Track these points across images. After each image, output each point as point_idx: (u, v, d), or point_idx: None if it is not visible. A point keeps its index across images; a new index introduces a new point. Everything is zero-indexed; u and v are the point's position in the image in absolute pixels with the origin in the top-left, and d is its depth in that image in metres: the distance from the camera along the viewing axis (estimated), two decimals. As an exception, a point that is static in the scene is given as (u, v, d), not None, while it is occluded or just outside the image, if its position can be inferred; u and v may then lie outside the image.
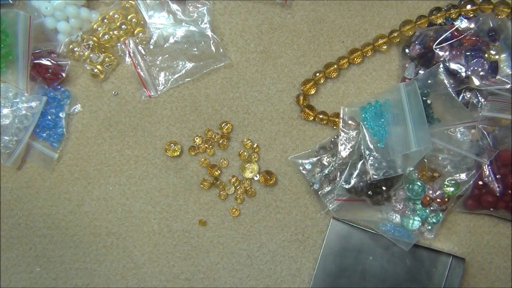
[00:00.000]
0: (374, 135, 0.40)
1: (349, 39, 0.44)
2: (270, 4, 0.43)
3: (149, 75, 0.42)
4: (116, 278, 0.42)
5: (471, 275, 0.43)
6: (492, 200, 0.41)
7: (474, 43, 0.41)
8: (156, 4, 0.42)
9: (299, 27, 0.44)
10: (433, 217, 0.41)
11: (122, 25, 0.42)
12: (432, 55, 0.41)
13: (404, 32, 0.42)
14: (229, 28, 0.43)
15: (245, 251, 0.43)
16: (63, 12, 0.41)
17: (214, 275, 0.43)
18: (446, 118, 0.40)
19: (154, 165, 0.42)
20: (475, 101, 0.41)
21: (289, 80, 0.44)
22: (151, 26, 0.42)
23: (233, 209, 0.43)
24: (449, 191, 0.41)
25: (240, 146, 0.43)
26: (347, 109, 0.42)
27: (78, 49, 0.42)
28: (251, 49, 0.43)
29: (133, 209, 0.42)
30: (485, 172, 0.41)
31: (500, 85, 0.40)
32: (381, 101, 0.41)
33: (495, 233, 0.43)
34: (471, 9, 0.40)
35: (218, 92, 0.43)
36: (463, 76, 0.40)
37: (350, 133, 0.41)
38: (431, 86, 0.40)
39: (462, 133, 0.41)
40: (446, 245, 0.43)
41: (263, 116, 0.43)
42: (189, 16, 0.42)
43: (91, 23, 0.42)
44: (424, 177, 0.41)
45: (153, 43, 0.42)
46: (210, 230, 0.43)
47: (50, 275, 0.42)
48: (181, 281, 0.43)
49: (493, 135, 0.41)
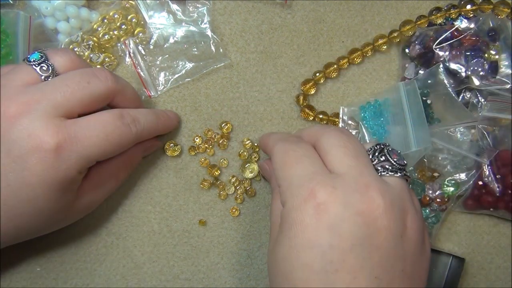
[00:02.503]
0: (373, 134, 0.40)
1: (349, 39, 0.44)
2: (270, 4, 0.43)
3: (149, 75, 0.42)
4: (116, 278, 0.42)
5: (471, 275, 0.43)
6: (492, 200, 0.41)
7: (474, 43, 0.41)
8: (156, 4, 0.42)
9: (299, 27, 0.44)
10: (433, 217, 0.41)
11: (122, 25, 0.42)
12: (432, 55, 0.41)
13: (404, 32, 0.42)
14: (229, 28, 0.43)
15: (245, 251, 0.43)
16: (63, 12, 0.41)
17: (214, 275, 0.43)
18: (446, 118, 0.40)
19: (154, 165, 0.43)
20: (475, 101, 0.41)
21: (289, 80, 0.44)
22: (151, 26, 0.42)
23: (233, 209, 0.43)
24: (449, 191, 0.41)
25: (240, 146, 0.43)
26: (346, 109, 0.42)
27: (78, 49, 0.42)
28: (251, 49, 0.43)
29: (133, 209, 0.42)
30: (485, 172, 0.41)
31: (500, 85, 0.40)
32: (381, 101, 0.41)
33: (495, 233, 0.43)
34: (471, 9, 0.40)
35: (218, 92, 0.43)
36: (463, 76, 0.40)
37: (350, 133, 0.41)
38: (431, 86, 0.40)
39: (462, 133, 0.41)
40: (446, 245, 0.43)
41: (263, 116, 0.43)
42: (189, 16, 0.42)
43: (91, 23, 0.42)
44: (424, 177, 0.41)
45: (153, 43, 0.42)
46: (210, 230, 0.43)
47: (50, 275, 0.42)
48: (181, 281, 0.43)
49: (493, 135, 0.41)
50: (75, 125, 0.32)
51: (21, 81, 0.32)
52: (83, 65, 0.35)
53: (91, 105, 0.33)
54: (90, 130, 0.32)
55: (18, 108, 0.31)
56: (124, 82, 0.36)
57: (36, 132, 0.30)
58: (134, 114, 0.36)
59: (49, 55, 0.34)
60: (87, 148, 0.32)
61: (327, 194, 0.28)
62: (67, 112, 0.32)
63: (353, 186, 0.28)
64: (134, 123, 0.35)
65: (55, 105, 0.31)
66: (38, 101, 0.31)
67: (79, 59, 0.35)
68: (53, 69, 0.33)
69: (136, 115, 0.36)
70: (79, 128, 0.32)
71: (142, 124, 0.36)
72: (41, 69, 0.33)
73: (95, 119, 0.33)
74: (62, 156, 0.31)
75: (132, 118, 0.35)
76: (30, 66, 0.33)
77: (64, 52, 0.34)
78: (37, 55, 0.33)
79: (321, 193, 0.28)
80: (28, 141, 0.30)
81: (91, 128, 0.32)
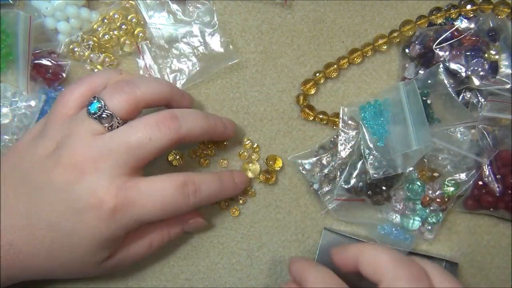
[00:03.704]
0: (373, 134, 0.40)
1: (349, 39, 0.44)
2: (270, 4, 0.43)
3: (162, 78, 0.42)
4: (116, 278, 0.42)
5: (471, 275, 0.43)
6: (492, 200, 0.41)
7: (474, 43, 0.41)
8: (156, 4, 0.42)
9: (299, 27, 0.44)
10: (433, 217, 0.41)
11: (122, 25, 0.42)
12: (432, 55, 0.41)
13: (404, 32, 0.42)
14: (229, 28, 0.43)
15: (245, 251, 0.43)
16: (63, 12, 0.41)
17: (214, 275, 0.43)
18: (446, 118, 0.40)
19: (154, 165, 0.42)
20: (475, 101, 0.41)
21: (289, 80, 0.44)
22: (151, 26, 0.42)
23: (233, 209, 0.43)
24: (449, 191, 0.41)
25: (240, 146, 0.43)
26: (346, 109, 0.42)
27: (78, 49, 0.42)
28: (251, 49, 0.43)
29: (133, 209, 0.42)
30: (485, 172, 0.41)
31: (500, 85, 0.40)
32: (381, 101, 0.41)
33: (495, 233, 0.43)
34: (471, 9, 0.40)
35: (218, 92, 0.43)
36: (463, 76, 0.40)
37: (349, 133, 0.41)
38: (431, 86, 0.40)
39: (462, 133, 0.41)
40: (446, 244, 0.43)
41: (263, 116, 0.43)
42: (189, 16, 0.42)
43: (91, 23, 0.42)
44: (424, 177, 0.41)
45: (164, 46, 0.42)
46: (210, 230, 0.43)
47: (50, 275, 0.42)
48: (181, 281, 0.43)
49: (493, 135, 0.41)
50: (135, 188, 0.33)
51: (89, 132, 0.33)
52: (142, 97, 0.34)
53: (156, 154, 0.34)
54: (148, 197, 0.33)
55: (87, 163, 0.32)
56: (191, 123, 0.35)
57: (99, 191, 0.32)
58: (199, 182, 0.35)
59: (106, 100, 0.33)
60: (141, 213, 0.33)
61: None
62: (131, 171, 0.33)
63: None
64: (195, 194, 0.35)
65: (119, 165, 0.32)
66: (105, 160, 0.32)
67: (135, 93, 0.34)
68: (114, 117, 0.33)
69: (200, 184, 0.35)
70: (137, 193, 0.33)
71: (202, 195, 0.35)
72: (103, 120, 0.33)
73: (155, 187, 0.33)
74: (117, 217, 0.32)
75: (195, 188, 0.34)
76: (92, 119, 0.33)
77: (118, 94, 0.34)
78: (95, 106, 0.33)
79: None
80: (90, 198, 0.32)
81: (149, 195, 0.33)
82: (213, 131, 0.37)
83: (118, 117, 0.34)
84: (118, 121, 0.34)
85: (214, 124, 0.37)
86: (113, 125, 0.33)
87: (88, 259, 0.34)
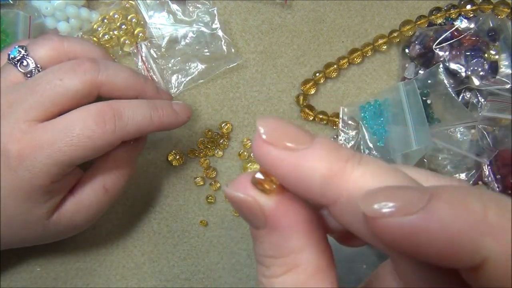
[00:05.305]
0: (373, 134, 0.40)
1: (349, 39, 0.44)
2: (270, 4, 0.43)
3: (162, 78, 0.42)
4: (116, 278, 0.42)
5: (471, 275, 0.43)
6: (492, 200, 0.41)
7: (474, 43, 0.41)
8: (156, 4, 0.42)
9: (299, 27, 0.44)
10: (433, 217, 0.41)
11: (122, 25, 0.42)
12: (432, 55, 0.41)
13: (404, 32, 0.42)
14: (229, 28, 0.43)
15: (245, 251, 0.43)
16: (63, 12, 0.41)
17: (214, 275, 0.43)
18: (446, 118, 0.40)
19: (154, 165, 0.42)
20: (475, 101, 0.41)
21: (289, 80, 0.44)
22: (151, 26, 0.42)
23: (233, 209, 0.43)
24: (449, 191, 0.41)
25: (240, 146, 0.43)
26: (346, 109, 0.42)
27: (78, 49, 0.42)
28: (251, 49, 0.43)
29: (133, 209, 0.42)
30: (485, 172, 0.41)
31: (500, 85, 0.40)
32: (381, 101, 0.41)
33: (495, 233, 0.43)
34: (471, 9, 0.40)
35: (218, 92, 0.43)
36: (463, 76, 0.40)
37: (349, 133, 0.41)
38: (431, 86, 0.40)
39: (462, 133, 0.41)
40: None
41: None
42: (189, 16, 0.42)
43: (91, 23, 0.42)
44: (424, 177, 0.41)
45: (165, 46, 0.42)
46: (210, 230, 0.43)
47: (50, 275, 0.42)
48: (181, 281, 0.43)
49: (493, 135, 0.41)
50: (42, 130, 0.29)
51: (9, 81, 0.31)
52: (69, 49, 0.32)
53: (68, 104, 0.30)
54: (54, 135, 0.29)
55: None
56: (112, 71, 0.32)
57: (2, 138, 0.29)
58: (120, 106, 0.31)
59: (29, 47, 0.31)
60: (55, 155, 0.29)
61: None
62: (40, 115, 0.30)
63: None
64: (115, 120, 0.30)
65: (25, 109, 0.29)
66: (11, 105, 0.29)
67: (62, 43, 0.32)
68: (35, 64, 0.31)
69: (120, 107, 0.31)
70: (44, 134, 0.29)
71: (128, 122, 0.31)
72: (21, 66, 0.31)
73: (64, 123, 0.29)
74: (26, 164, 0.29)
75: (113, 113, 0.30)
76: (11, 64, 0.31)
77: (44, 42, 0.32)
78: (15, 51, 0.31)
79: None
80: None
81: (57, 133, 0.29)
82: (141, 89, 0.33)
83: (39, 65, 0.31)
84: (38, 68, 0.31)
85: (144, 82, 0.34)
86: (32, 71, 0.31)
87: (24, 217, 0.31)
